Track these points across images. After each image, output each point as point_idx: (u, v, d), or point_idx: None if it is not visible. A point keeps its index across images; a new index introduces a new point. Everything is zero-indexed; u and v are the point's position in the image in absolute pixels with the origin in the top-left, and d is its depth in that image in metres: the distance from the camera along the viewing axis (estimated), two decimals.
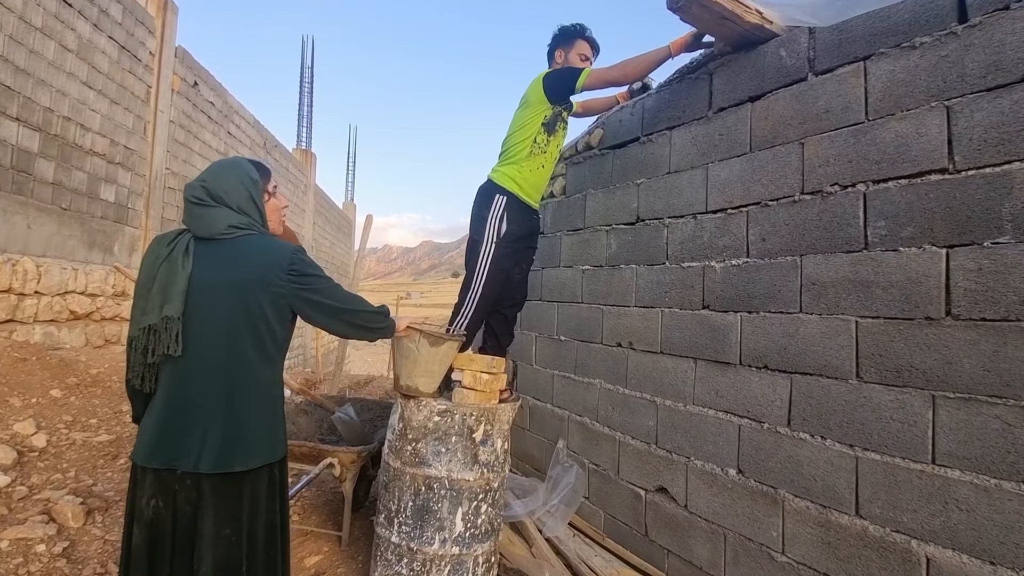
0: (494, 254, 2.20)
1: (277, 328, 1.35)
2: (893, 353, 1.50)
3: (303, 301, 1.38)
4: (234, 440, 1.28)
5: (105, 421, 3.75)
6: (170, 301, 1.27)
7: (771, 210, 1.87)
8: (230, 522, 1.27)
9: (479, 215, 2.26)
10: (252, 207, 1.39)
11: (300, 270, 1.35)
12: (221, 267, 1.31)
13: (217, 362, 1.29)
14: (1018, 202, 1.30)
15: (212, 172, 1.40)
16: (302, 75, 16.05)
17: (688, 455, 2.09)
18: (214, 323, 1.29)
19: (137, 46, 6.24)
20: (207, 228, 1.34)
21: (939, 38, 1.47)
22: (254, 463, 1.30)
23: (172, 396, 1.29)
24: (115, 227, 6.03)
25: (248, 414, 1.31)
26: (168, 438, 1.27)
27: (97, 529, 2.44)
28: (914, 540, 1.41)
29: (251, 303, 1.30)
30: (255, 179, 1.42)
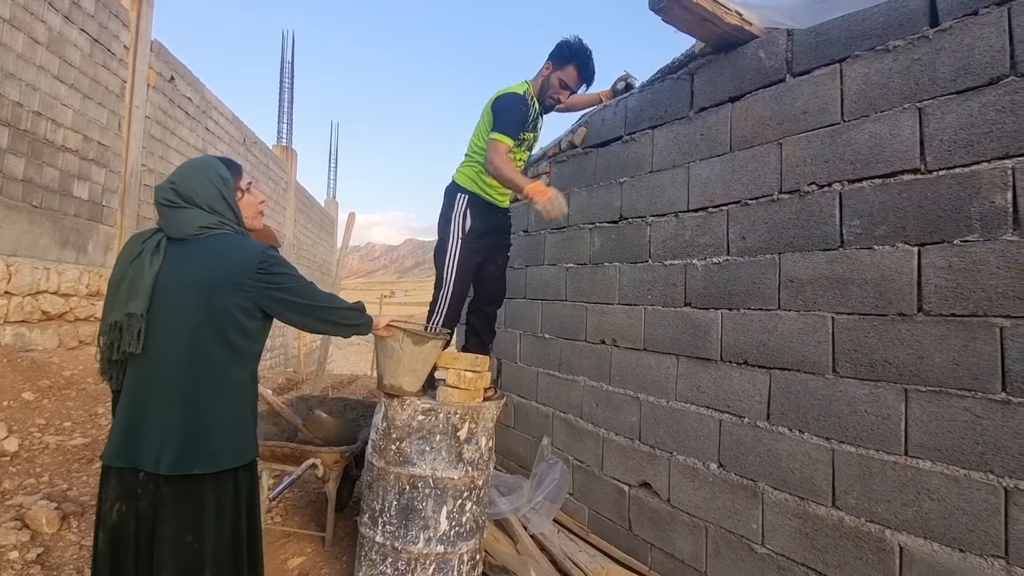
0: (461, 250, 2.26)
1: (246, 328, 1.33)
2: (868, 348, 1.53)
3: (273, 300, 1.36)
4: (195, 442, 1.25)
5: (80, 424, 3.66)
6: (134, 298, 1.26)
7: (751, 209, 1.90)
8: (192, 528, 1.25)
9: (444, 215, 2.34)
10: (224, 206, 1.38)
11: (269, 269, 1.33)
12: (189, 266, 1.30)
13: (180, 361, 1.27)
14: (986, 201, 1.34)
15: (181, 173, 1.38)
16: (282, 70, 15.80)
17: (671, 450, 2.12)
18: (178, 322, 1.28)
19: (111, 39, 6.08)
20: (178, 229, 1.33)
21: (912, 41, 1.51)
22: (216, 466, 1.27)
23: (135, 394, 1.28)
24: (89, 225, 5.87)
25: (211, 415, 1.28)
26: (129, 437, 1.26)
27: (72, 534, 2.38)
28: (888, 530, 1.45)
29: (217, 303, 1.28)
30: (225, 177, 1.39)
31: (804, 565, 1.64)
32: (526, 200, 2.09)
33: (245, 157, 10.11)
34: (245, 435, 1.35)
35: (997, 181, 1.33)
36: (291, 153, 13.85)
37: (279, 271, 1.36)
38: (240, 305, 1.31)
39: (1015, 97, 1.32)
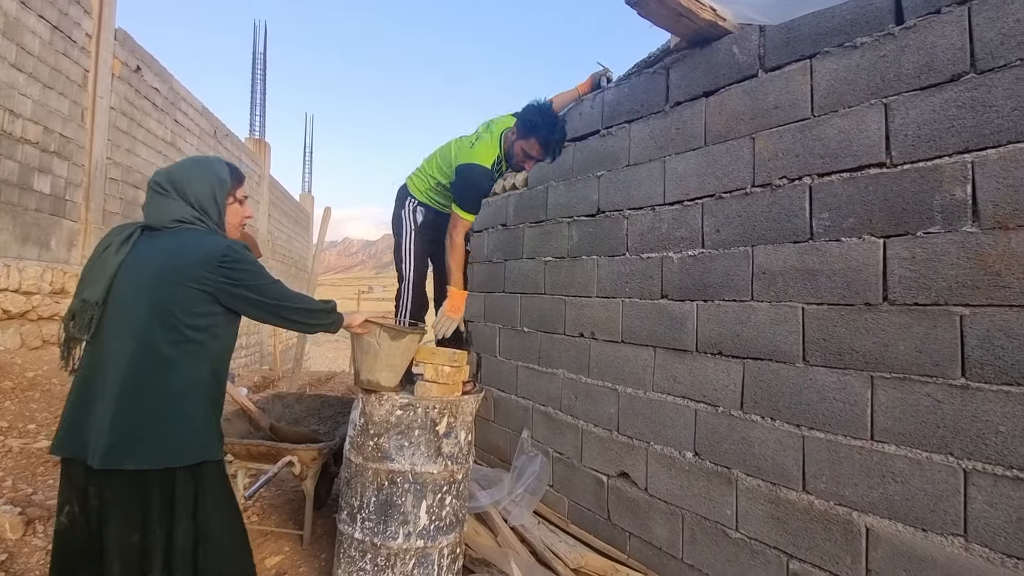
0: (415, 242, 2.40)
1: (201, 323, 1.30)
2: (836, 337, 1.58)
3: (233, 296, 1.33)
4: (129, 436, 1.21)
5: (44, 426, 3.53)
6: (92, 286, 1.27)
7: (725, 202, 1.93)
8: (138, 528, 1.20)
9: (396, 214, 2.48)
10: (212, 205, 1.39)
11: (231, 265, 1.31)
12: (152, 257, 1.30)
13: (129, 352, 1.24)
14: (947, 194, 1.39)
15: (182, 163, 1.42)
16: (254, 62, 15.42)
17: (648, 440, 2.15)
18: (131, 312, 1.26)
19: (72, 27, 5.84)
20: (155, 217, 1.35)
21: (878, 38, 1.55)
22: (154, 464, 1.21)
23: (84, 383, 1.27)
24: (52, 220, 5.65)
25: (151, 411, 1.23)
26: (76, 427, 1.24)
27: (38, 540, 2.30)
28: (855, 512, 1.50)
29: (170, 295, 1.27)
30: (223, 179, 1.42)
31: (776, 548, 1.68)
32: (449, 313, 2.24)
33: (216, 150, 9.85)
34: (196, 433, 1.29)
35: (958, 175, 1.37)
36: (264, 146, 13.55)
37: (241, 267, 1.33)
38: (194, 299, 1.28)
39: (974, 94, 1.36)
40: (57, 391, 4.13)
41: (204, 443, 1.31)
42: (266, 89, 15.21)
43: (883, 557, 1.44)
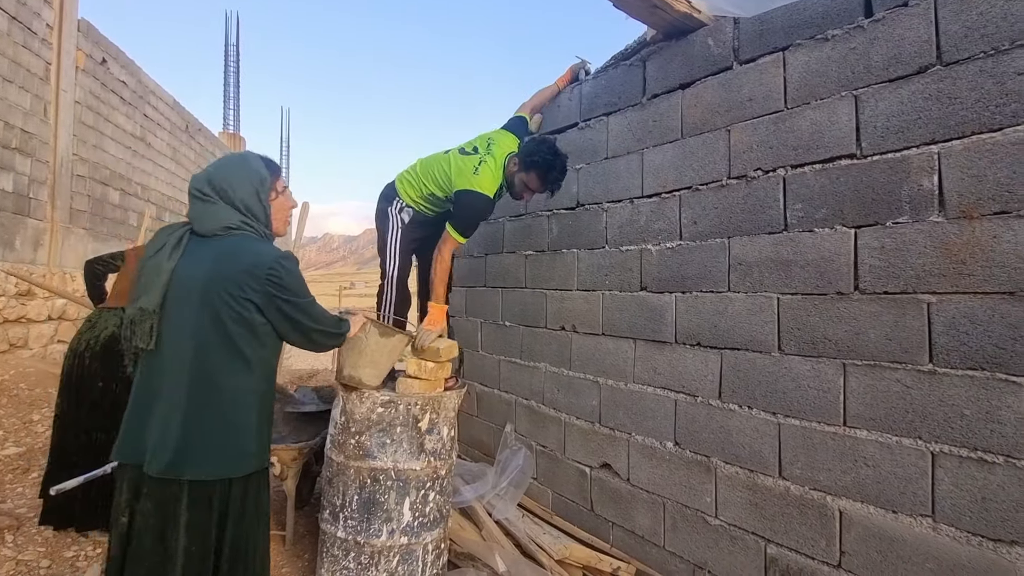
0: (401, 238, 2.36)
1: (254, 333, 1.32)
2: (810, 326, 1.61)
3: (275, 309, 1.34)
4: (189, 447, 1.24)
5: (12, 432, 3.42)
6: (148, 293, 1.27)
7: (701, 194, 1.95)
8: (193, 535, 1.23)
9: (382, 210, 2.41)
10: (257, 204, 1.37)
11: (278, 280, 1.32)
12: (204, 265, 1.29)
13: (185, 361, 1.26)
14: (915, 185, 1.42)
15: (219, 165, 1.39)
16: (226, 53, 15.03)
17: (630, 431, 2.17)
18: (186, 320, 1.27)
19: (31, 17, 5.60)
20: (204, 225, 1.33)
21: (848, 31, 1.57)
22: (210, 475, 1.25)
23: (142, 390, 1.29)
24: (15, 219, 5.44)
25: (209, 421, 1.26)
26: (136, 433, 1.26)
27: (8, 549, 2.23)
28: (829, 496, 1.54)
29: (223, 304, 1.27)
30: (263, 176, 1.40)
31: (754, 534, 1.72)
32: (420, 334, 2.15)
33: (189, 145, 9.59)
34: (246, 445, 1.31)
35: (925, 165, 1.41)
36: (239, 141, 13.26)
37: (287, 284, 1.34)
38: (243, 307, 1.29)
39: (940, 85, 1.39)
40: (25, 396, 4.01)
41: (257, 453, 1.34)
42: (239, 82, 14.85)
43: (856, 539, 1.48)
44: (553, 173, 2.19)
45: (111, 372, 2.26)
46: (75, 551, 2.25)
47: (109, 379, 2.26)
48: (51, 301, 5.85)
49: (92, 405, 2.25)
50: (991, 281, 1.28)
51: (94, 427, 2.24)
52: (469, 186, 2.18)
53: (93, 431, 2.24)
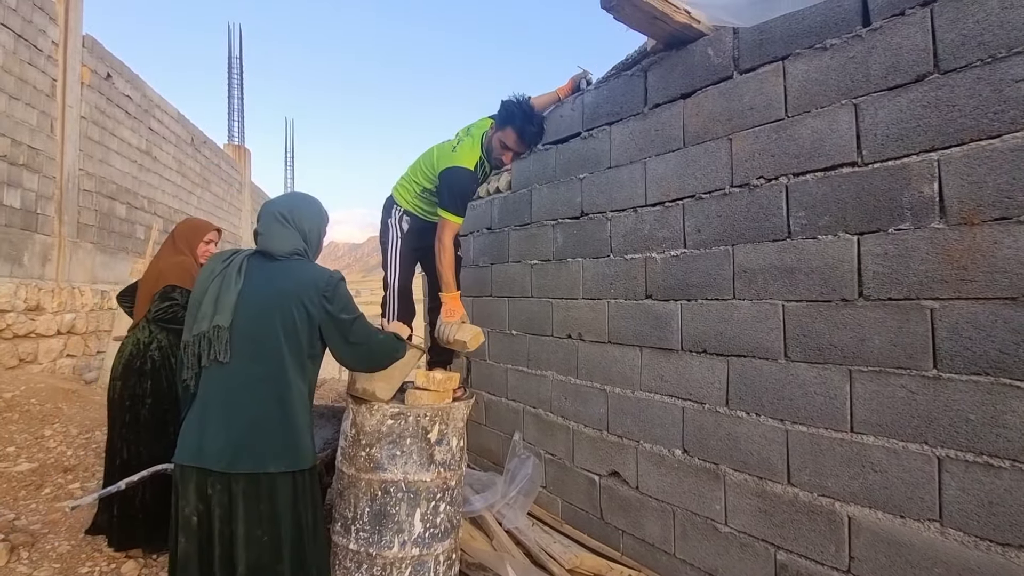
0: (401, 248, 2.42)
1: (310, 342, 1.48)
2: (815, 333, 1.62)
3: (328, 325, 1.50)
4: (265, 444, 1.39)
5: (24, 448, 3.45)
6: (221, 312, 1.42)
7: (704, 203, 1.97)
8: (261, 523, 1.37)
9: (383, 222, 2.49)
10: (316, 239, 1.60)
11: (332, 297, 1.49)
12: (268, 284, 1.47)
13: (256, 370, 1.42)
14: (916, 192, 1.44)
15: (293, 198, 1.61)
16: (230, 66, 15.16)
17: (637, 439, 2.19)
18: (258, 332, 1.43)
19: (37, 34, 5.68)
20: (276, 245, 1.50)
21: (847, 40, 1.59)
22: (287, 467, 1.41)
23: (211, 398, 1.43)
24: (23, 235, 5.51)
25: (285, 420, 1.42)
26: (203, 438, 1.40)
27: (23, 566, 2.26)
28: (837, 502, 1.55)
29: (288, 318, 1.44)
30: (327, 218, 1.64)
31: (764, 541, 1.73)
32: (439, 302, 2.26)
33: (194, 158, 9.67)
34: (305, 441, 1.47)
35: (925, 173, 1.42)
36: (244, 152, 13.34)
37: (340, 302, 1.51)
38: (306, 321, 1.46)
39: (938, 93, 1.41)
40: (36, 412, 4.04)
41: (313, 450, 1.51)
42: (243, 94, 14.98)
43: (865, 544, 1.49)
44: (531, 127, 2.22)
45: (133, 391, 2.31)
46: (89, 567, 2.27)
47: (135, 398, 2.32)
48: (60, 316, 5.90)
49: (124, 425, 2.32)
50: (993, 287, 1.30)
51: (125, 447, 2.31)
52: (449, 163, 2.25)
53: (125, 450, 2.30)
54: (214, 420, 1.40)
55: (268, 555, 1.38)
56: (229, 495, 1.36)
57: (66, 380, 5.29)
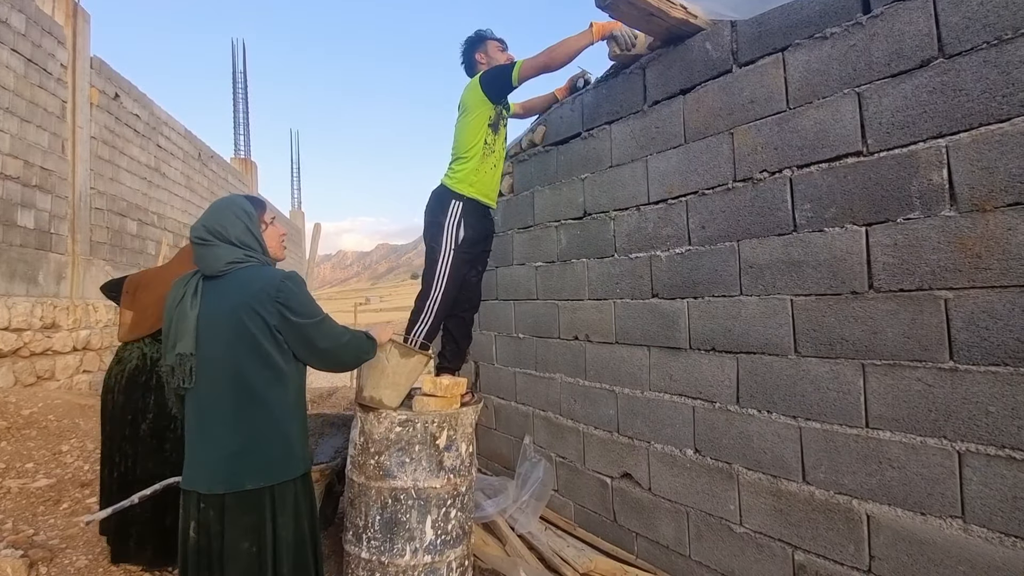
0: (453, 261, 2.20)
1: (279, 350, 1.44)
2: (825, 327, 1.59)
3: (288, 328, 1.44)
4: (244, 461, 1.39)
5: (43, 464, 3.50)
6: (182, 339, 1.42)
7: (708, 199, 1.94)
8: (248, 535, 1.38)
9: (435, 221, 2.25)
10: (250, 238, 1.51)
11: (284, 300, 1.43)
12: (221, 301, 1.44)
13: (224, 389, 1.41)
14: (924, 180, 1.40)
15: (209, 212, 1.54)
16: (235, 81, 15.36)
17: (648, 440, 2.16)
18: (219, 353, 1.42)
19: (46, 58, 5.80)
20: (210, 266, 1.47)
21: (847, 28, 1.57)
22: (266, 481, 1.40)
23: (191, 423, 1.45)
24: (38, 255, 5.61)
25: (257, 435, 1.41)
26: (191, 462, 1.43)
27: None
28: (855, 500, 1.51)
29: (246, 328, 1.41)
30: (249, 211, 1.54)
31: (781, 540, 1.69)
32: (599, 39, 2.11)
33: (202, 172, 9.80)
34: (292, 450, 1.46)
35: (933, 160, 1.39)
36: (251, 165, 13.50)
37: (294, 303, 1.44)
38: (265, 329, 1.42)
39: (944, 78, 1.38)
40: (54, 428, 4.10)
41: (302, 457, 1.50)
42: (248, 108, 15.16)
43: (885, 543, 1.45)
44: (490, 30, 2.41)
45: (135, 405, 2.30)
46: None
47: (136, 412, 2.29)
48: (75, 332, 6.00)
49: (123, 439, 2.29)
50: (1009, 274, 1.26)
51: (124, 460, 2.28)
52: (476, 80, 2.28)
53: (124, 463, 2.28)
54: (195, 445, 1.43)
55: (255, 567, 1.39)
56: (216, 511, 1.38)
57: (82, 396, 5.37)
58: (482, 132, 2.25)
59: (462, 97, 2.33)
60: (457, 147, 2.32)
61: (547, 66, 2.17)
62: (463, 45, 2.46)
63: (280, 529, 1.41)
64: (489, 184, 2.32)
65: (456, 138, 2.33)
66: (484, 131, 2.26)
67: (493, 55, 2.38)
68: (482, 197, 2.29)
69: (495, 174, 2.34)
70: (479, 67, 2.39)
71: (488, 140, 2.27)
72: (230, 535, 1.37)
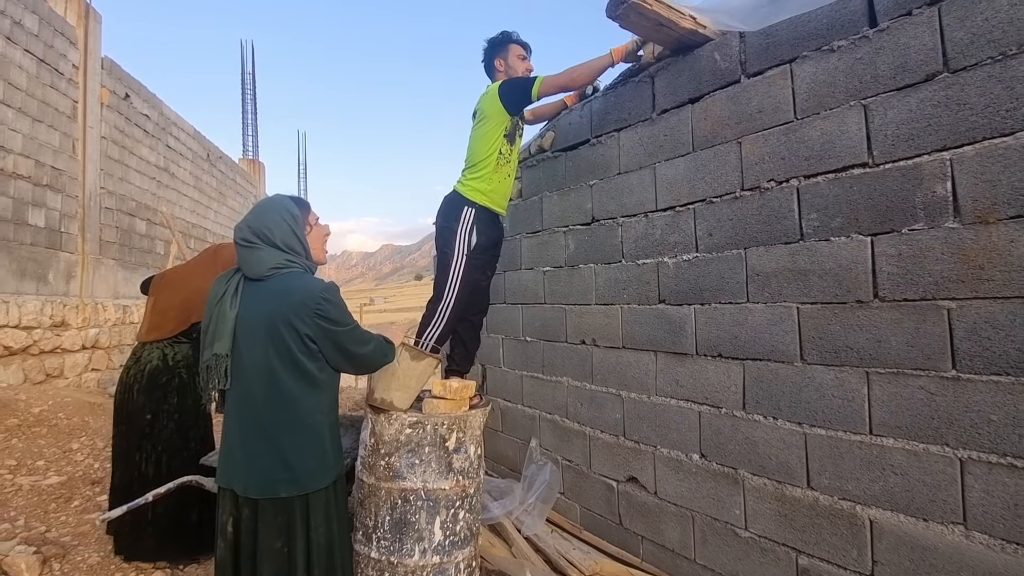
0: (465, 267, 2.22)
1: (313, 359, 1.47)
2: (831, 335, 1.62)
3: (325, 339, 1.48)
4: (280, 471, 1.42)
5: (53, 462, 3.55)
6: (220, 339, 1.44)
7: (715, 206, 1.97)
8: (281, 535, 1.42)
9: (448, 227, 2.26)
10: (295, 241, 1.52)
11: (324, 312, 1.45)
12: (261, 305, 1.46)
13: (260, 393, 1.44)
14: (928, 192, 1.43)
15: (255, 212, 1.54)
16: (243, 81, 15.46)
17: (655, 444, 2.19)
18: (255, 358, 1.44)
19: (58, 59, 5.87)
20: (253, 269, 1.48)
21: (854, 41, 1.60)
22: (300, 491, 1.44)
23: (230, 423, 1.48)
24: (48, 254, 5.67)
25: (291, 443, 1.44)
26: (227, 461, 1.47)
27: None
28: (858, 505, 1.54)
29: (282, 338, 1.43)
30: (295, 213, 1.54)
31: (785, 545, 1.72)
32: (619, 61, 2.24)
33: (210, 173, 9.87)
34: (325, 459, 1.49)
35: (937, 172, 1.42)
36: (258, 166, 13.59)
37: (332, 316, 1.47)
38: (302, 339, 1.44)
39: (948, 92, 1.41)
40: (64, 426, 4.15)
41: (335, 465, 1.53)
42: (257, 109, 15.25)
43: (888, 548, 1.47)
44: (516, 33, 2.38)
45: (157, 404, 2.30)
46: None
47: (157, 411, 2.30)
48: (84, 331, 6.05)
49: (142, 436, 2.30)
50: (1011, 286, 1.28)
51: (144, 459, 2.28)
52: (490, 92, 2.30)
53: (143, 463, 2.28)
54: (234, 444, 1.46)
55: (286, 567, 1.43)
56: (250, 510, 1.43)
57: (91, 394, 5.42)
58: (497, 142, 2.28)
59: (480, 103, 2.36)
60: (472, 155, 2.34)
61: (567, 87, 2.25)
62: (485, 45, 2.46)
63: (312, 532, 1.45)
64: (502, 193, 2.35)
65: (471, 146, 2.36)
66: (500, 141, 2.28)
67: (512, 63, 2.38)
68: (494, 206, 2.32)
69: (508, 183, 2.37)
70: (497, 74, 2.41)
71: (503, 150, 2.30)
72: (263, 534, 1.41)
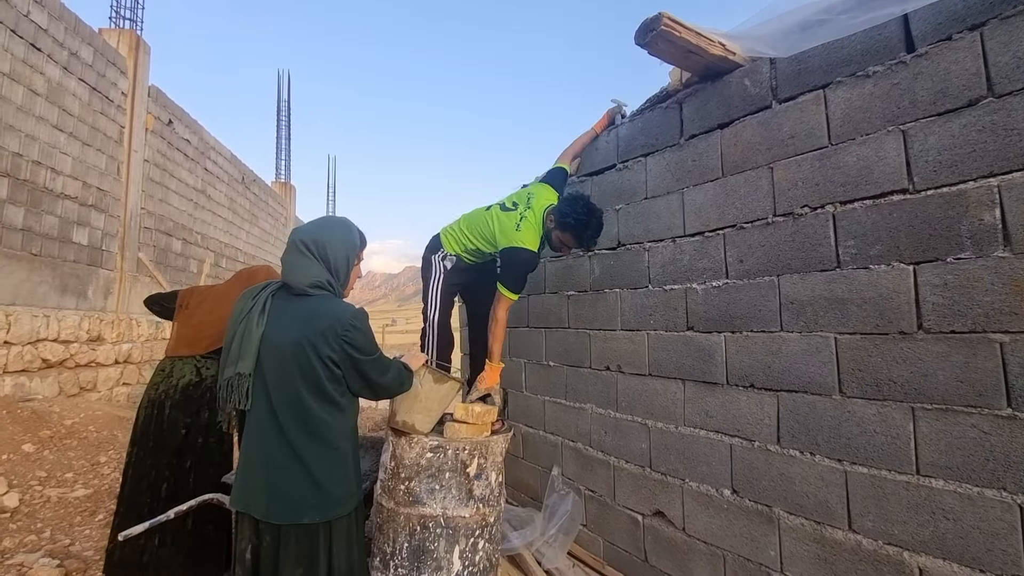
0: (443, 281, 2.44)
1: (338, 384, 1.44)
2: (872, 367, 1.54)
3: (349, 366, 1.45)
4: (305, 497, 1.38)
5: (82, 475, 3.61)
6: (244, 358, 1.40)
7: (746, 232, 1.93)
8: (303, 563, 1.38)
9: (426, 259, 2.52)
10: (344, 268, 1.52)
11: (351, 339, 1.43)
12: (288, 326, 1.42)
13: (284, 417, 1.39)
14: (975, 219, 1.37)
15: (322, 225, 1.53)
16: (279, 109, 16.08)
17: (683, 477, 2.10)
18: (280, 379, 1.40)
19: (109, 87, 6.22)
20: (295, 277, 1.46)
21: (890, 67, 1.56)
22: (323, 517, 1.39)
23: (249, 445, 1.44)
24: (89, 270, 5.90)
25: (318, 468, 1.40)
26: (245, 485, 1.42)
27: None
28: (906, 552, 1.44)
29: (309, 362, 1.40)
30: (355, 244, 1.55)
31: None
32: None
33: (244, 195, 10.22)
34: (349, 485, 1.46)
35: (984, 199, 1.36)
36: (290, 189, 14.01)
37: (359, 345, 1.45)
38: (326, 364, 1.41)
39: (994, 117, 1.36)
40: (93, 439, 4.23)
41: (356, 492, 1.50)
42: (291, 134, 15.82)
43: None
44: (587, 232, 2.24)
45: (192, 419, 2.26)
46: None
47: (190, 426, 2.26)
48: (118, 346, 6.23)
49: (176, 452, 2.24)
50: None
51: (172, 474, 2.22)
52: (513, 243, 2.25)
53: (169, 479, 2.22)
54: (252, 467, 1.42)
55: None
56: (272, 536, 1.39)
57: (121, 408, 5.54)
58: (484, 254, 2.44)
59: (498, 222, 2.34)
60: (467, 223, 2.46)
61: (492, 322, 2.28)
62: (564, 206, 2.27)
63: (335, 559, 1.42)
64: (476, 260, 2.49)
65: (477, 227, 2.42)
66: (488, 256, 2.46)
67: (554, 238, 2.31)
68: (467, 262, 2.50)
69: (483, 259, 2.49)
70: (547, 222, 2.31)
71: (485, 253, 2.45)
72: (284, 561, 1.37)
